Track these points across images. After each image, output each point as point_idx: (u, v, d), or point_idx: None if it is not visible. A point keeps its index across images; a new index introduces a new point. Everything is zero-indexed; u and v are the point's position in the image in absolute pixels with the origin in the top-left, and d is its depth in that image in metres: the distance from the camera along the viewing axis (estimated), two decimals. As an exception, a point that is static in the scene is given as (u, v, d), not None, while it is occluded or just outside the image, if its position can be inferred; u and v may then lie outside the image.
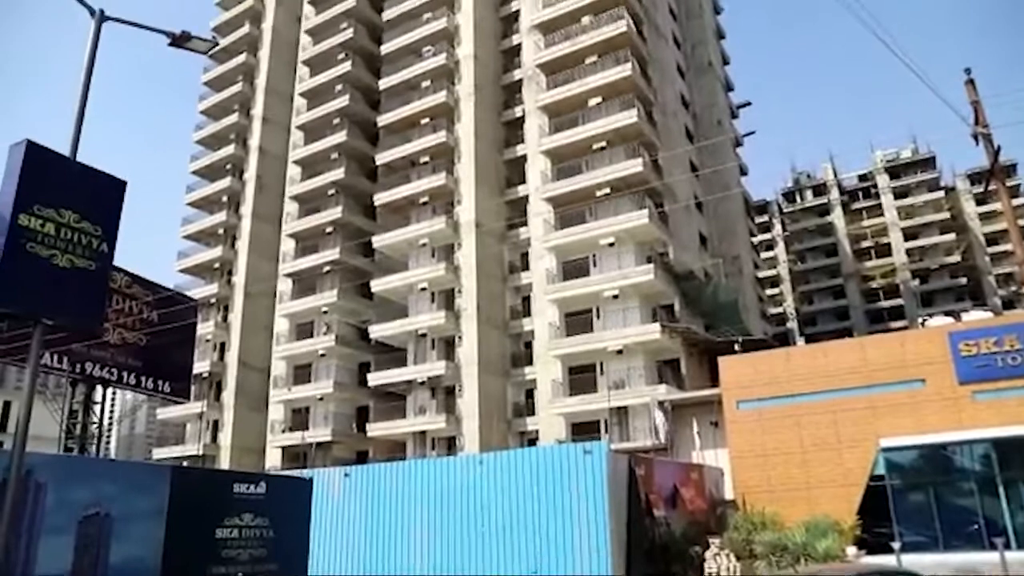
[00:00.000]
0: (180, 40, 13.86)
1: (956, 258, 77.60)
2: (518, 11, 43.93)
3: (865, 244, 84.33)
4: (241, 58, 54.05)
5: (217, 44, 15.94)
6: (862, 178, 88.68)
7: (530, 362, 37.50)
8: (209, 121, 55.38)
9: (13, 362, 19.45)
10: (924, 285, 78.84)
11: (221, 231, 51.10)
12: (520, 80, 42.28)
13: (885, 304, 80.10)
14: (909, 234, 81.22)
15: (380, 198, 42.83)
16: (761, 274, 66.86)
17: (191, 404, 41.00)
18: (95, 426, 20.69)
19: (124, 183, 11.98)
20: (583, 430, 33.66)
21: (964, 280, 76.84)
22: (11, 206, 9.67)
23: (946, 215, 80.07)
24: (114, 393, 21.34)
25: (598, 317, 35.65)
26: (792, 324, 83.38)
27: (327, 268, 45.03)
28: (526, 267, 39.16)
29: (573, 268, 36.91)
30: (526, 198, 39.78)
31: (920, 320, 47.46)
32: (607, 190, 36.44)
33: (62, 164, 10.91)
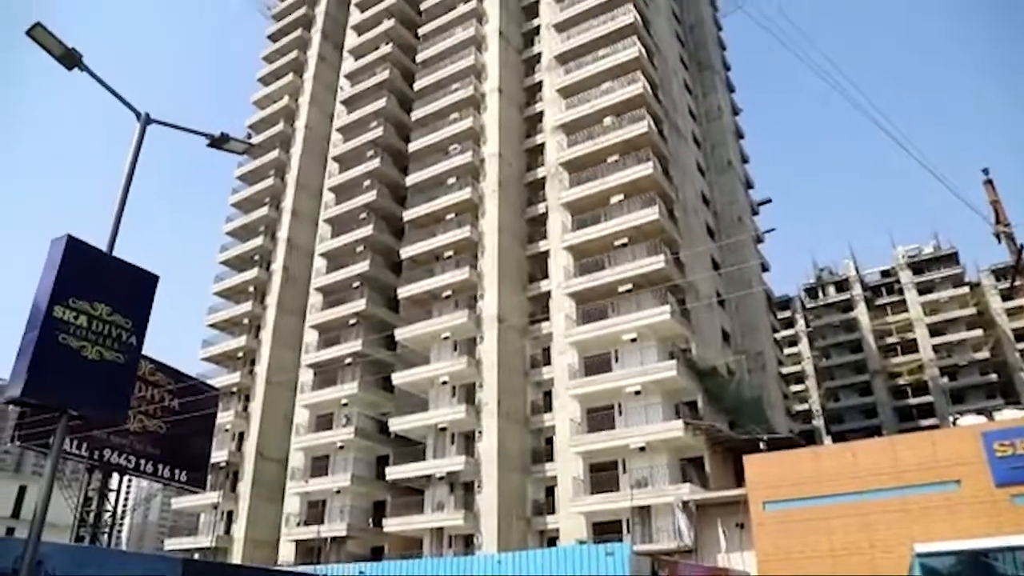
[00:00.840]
0: (219, 142, 14.47)
1: (985, 354, 76.35)
2: (542, 112, 45.34)
3: (890, 340, 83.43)
4: (274, 154, 55.91)
5: (253, 145, 16.71)
6: (885, 274, 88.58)
7: (551, 458, 36.88)
8: (239, 213, 56.86)
9: (34, 447, 19.50)
10: (953, 382, 77.40)
11: (246, 321, 51.70)
12: (543, 177, 43.25)
13: (914, 401, 78.54)
14: (935, 330, 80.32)
15: (404, 291, 43.32)
16: (785, 370, 66.08)
17: (206, 494, 40.59)
18: (108, 514, 20.49)
19: (156, 278, 12.26)
20: (605, 530, 32.75)
21: (995, 377, 75.34)
22: (48, 298, 9.93)
23: (972, 311, 79.29)
24: (130, 480, 21.24)
25: (620, 413, 35.23)
26: (818, 422, 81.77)
27: (349, 360, 45.18)
28: (548, 362, 39.03)
29: (595, 364, 36.75)
30: (548, 293, 40.04)
31: (951, 419, 46.44)
32: (629, 286, 36.64)
33: (99, 259, 11.22)
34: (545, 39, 47.05)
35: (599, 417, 35.65)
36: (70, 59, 12.24)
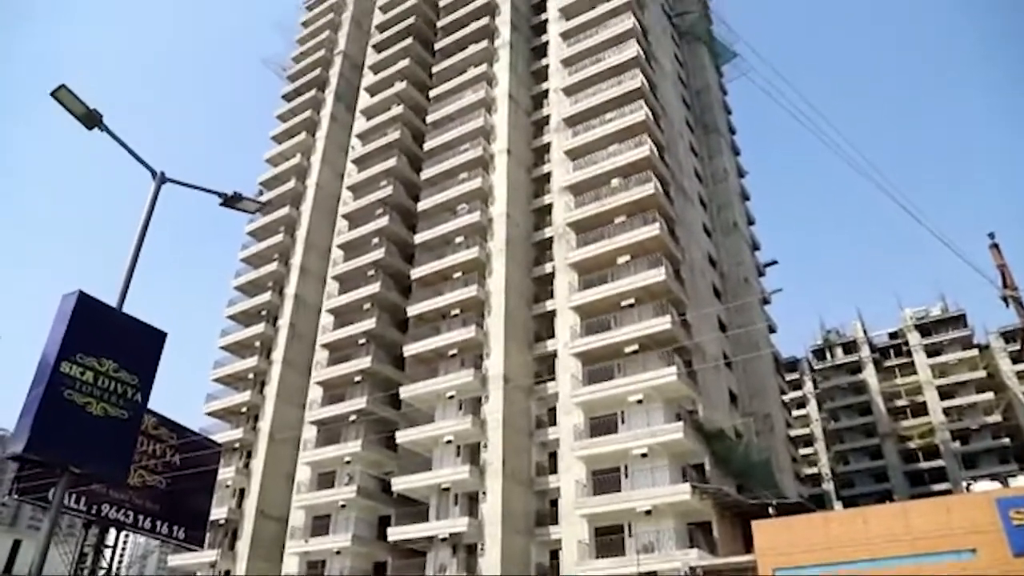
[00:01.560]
0: (231, 201, 14.67)
1: (997, 418, 75.36)
2: (550, 173, 45.93)
3: (900, 403, 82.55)
4: (284, 211, 56.56)
5: (265, 204, 16.91)
6: (893, 336, 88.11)
7: (555, 521, 36.23)
8: (248, 268, 57.22)
9: (33, 501, 19.27)
10: (965, 446, 76.24)
11: (251, 376, 51.57)
12: (551, 237, 43.55)
13: (925, 466, 77.30)
14: (945, 393, 79.49)
15: (410, 349, 43.27)
16: (794, 433, 65.25)
17: (204, 552, 39.90)
18: (104, 571, 20.14)
19: (164, 335, 12.30)
20: (611, 597, 31.96)
21: (1007, 441, 74.21)
22: (55, 353, 9.95)
23: (982, 373, 78.53)
24: (127, 536, 20.94)
25: (626, 476, 34.72)
26: (828, 486, 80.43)
27: (353, 417, 44.88)
28: (553, 422, 38.69)
29: (601, 425, 36.41)
30: (555, 353, 39.92)
31: (964, 484, 45.64)
32: (636, 347, 36.52)
33: (109, 315, 11.28)
34: (553, 102, 47.98)
35: (605, 479, 35.13)
36: (91, 119, 12.55)
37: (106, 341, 10.78)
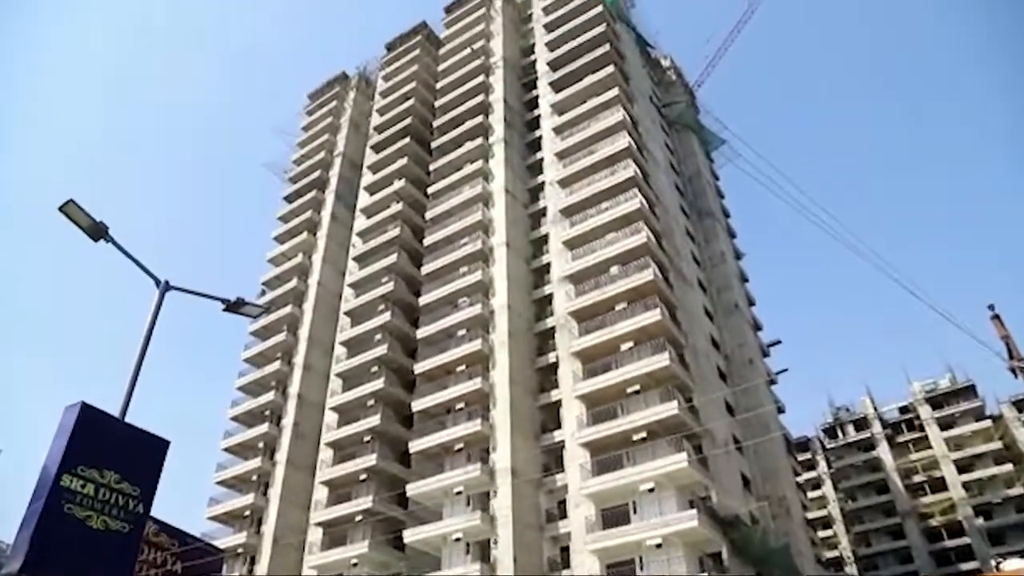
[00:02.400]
0: (234, 306, 14.75)
1: (1019, 490, 73.52)
2: (549, 263, 46.44)
3: (917, 479, 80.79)
4: (287, 310, 56.89)
5: (268, 309, 17.07)
6: (903, 410, 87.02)
7: (571, 620, 34.95)
8: (251, 369, 57.06)
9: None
10: (990, 521, 74.08)
11: (254, 478, 50.75)
12: (553, 327, 43.64)
13: (950, 544, 74.97)
14: (962, 466, 77.87)
15: (415, 445, 42.73)
16: (811, 515, 63.77)
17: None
18: None
19: (167, 443, 12.16)
20: None
21: (1033, 514, 72.19)
22: (57, 466, 9.82)
23: (998, 444, 77.09)
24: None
25: (642, 568, 33.69)
26: (852, 569, 77.91)
27: (359, 517, 43.92)
28: (564, 515, 37.81)
29: (613, 516, 35.56)
30: (562, 444, 39.39)
31: (993, 562, 44.16)
32: (644, 434, 36.10)
33: (111, 425, 11.18)
34: (550, 194, 48.97)
35: (620, 573, 34.09)
36: (97, 232, 12.76)
37: (108, 452, 10.67)
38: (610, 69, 50.94)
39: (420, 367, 45.68)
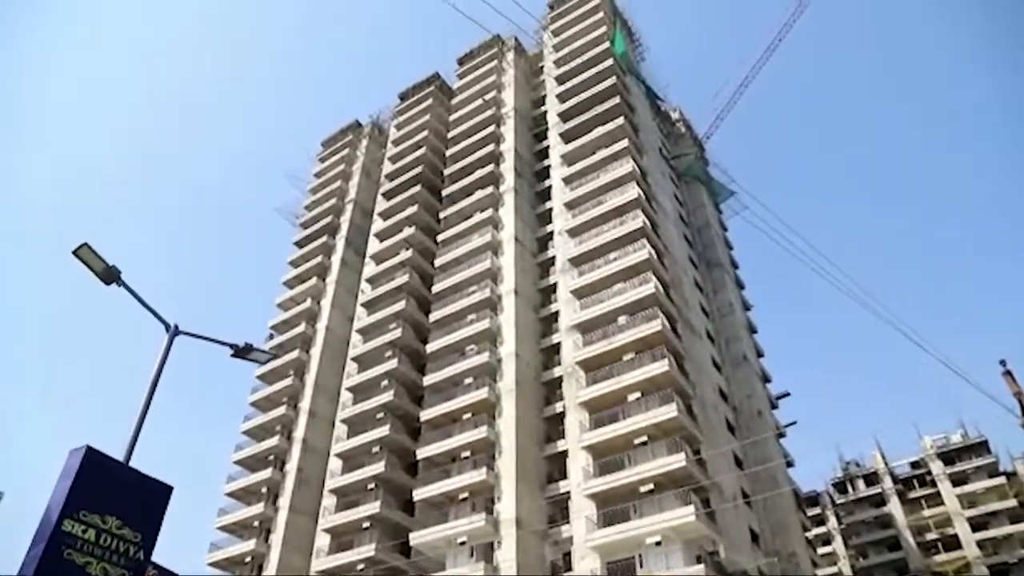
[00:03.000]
0: (242, 352, 14.79)
1: (1035, 550, 71.99)
2: (557, 312, 46.50)
3: (930, 536, 79.24)
4: (294, 354, 56.91)
5: (275, 356, 17.07)
6: (914, 465, 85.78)
7: None
8: (257, 413, 56.89)
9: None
10: (1006, 581, 72.39)
11: (256, 523, 50.21)
12: (560, 377, 43.49)
13: (964, 605, 73.19)
14: (977, 524, 76.40)
15: (419, 493, 42.30)
16: (821, 572, 62.34)
17: None
18: None
19: (170, 489, 12.07)
20: None
21: (1049, 576, 70.57)
22: (59, 510, 9.76)
23: (1013, 502, 75.70)
24: None
25: (648, 626, 33.02)
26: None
27: (361, 566, 43.27)
28: (569, 567, 37.16)
29: (619, 569, 34.97)
30: (568, 495, 38.93)
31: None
32: (651, 487, 35.65)
33: (115, 470, 11.11)
34: (559, 243, 49.24)
35: (626, 630, 33.40)
36: (109, 275, 12.87)
37: (111, 497, 10.59)
38: (620, 121, 51.66)
39: (426, 414, 45.47)
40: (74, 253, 12.50)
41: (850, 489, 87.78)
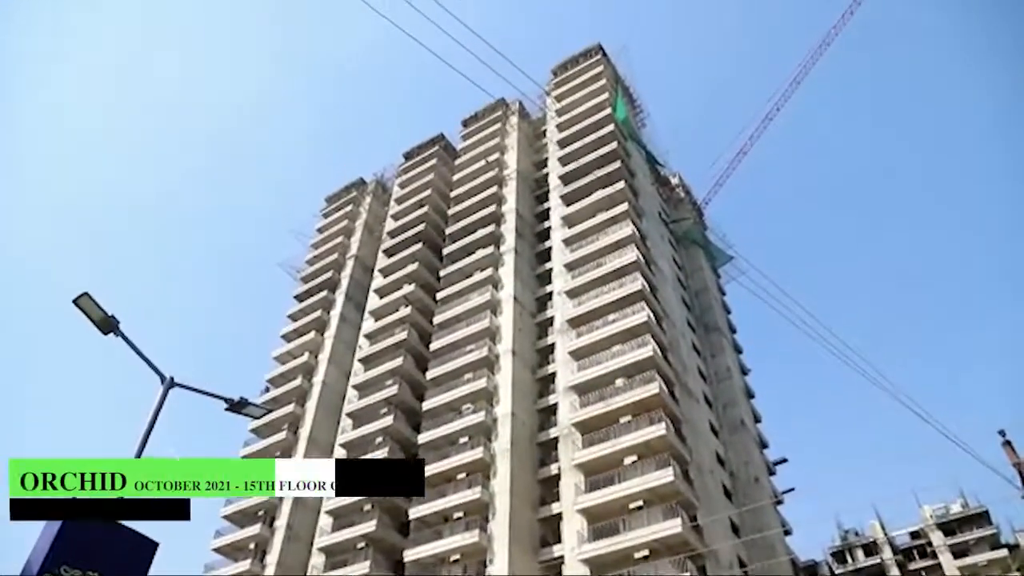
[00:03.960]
0: (237, 406, 14.77)
1: (1040, 629, 70.12)
2: (554, 373, 46.39)
3: (932, 611, 77.33)
4: (289, 408, 56.53)
5: (269, 411, 17.03)
6: (914, 535, 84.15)
7: None
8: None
9: None
10: (1013, 663, 70.30)
11: (243, 582, 49.13)
12: (556, 438, 43.17)
13: None
14: (979, 600, 74.56)
15: (410, 554, 41.53)
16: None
17: None
18: None
19: (156, 545, 11.88)
20: None
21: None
22: (39, 564, 9.60)
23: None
24: None
25: None
26: None
27: (349, 632, 42.24)
28: (562, 636, 36.35)
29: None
30: (561, 559, 38.23)
31: None
32: (646, 552, 35.10)
33: (101, 524, 10.96)
34: (557, 304, 49.43)
35: None
36: (107, 325, 12.95)
37: (94, 552, 10.40)
38: (620, 185, 52.44)
39: (420, 473, 44.87)
40: (74, 302, 12.61)
41: (849, 559, 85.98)
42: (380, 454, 48.26)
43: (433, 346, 51.45)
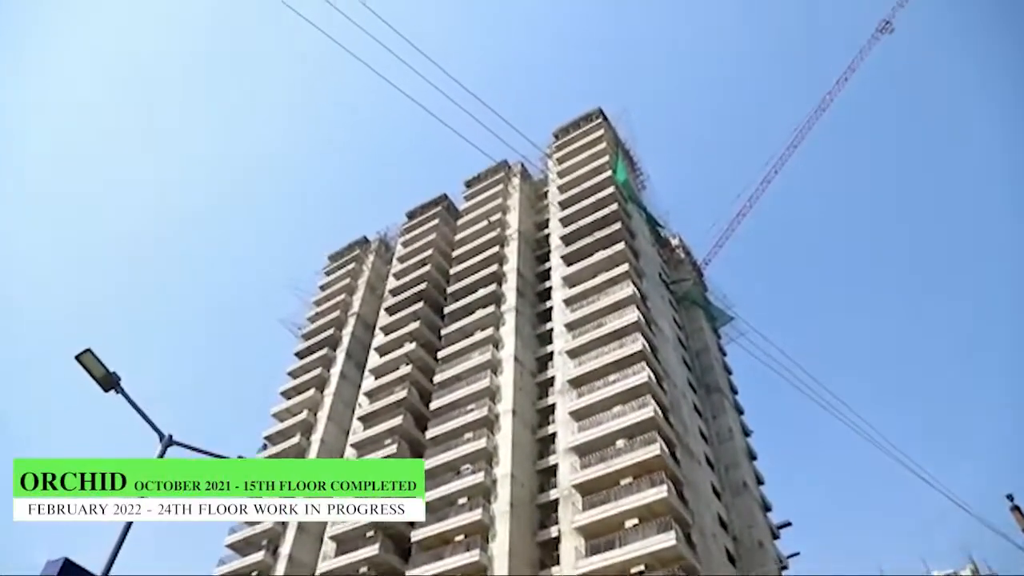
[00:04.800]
0: (235, 464, 14.74)
1: None
2: (554, 433, 46.07)
3: None
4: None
5: (269, 469, 16.96)
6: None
7: None
8: (243, 525, 55.12)
9: None
10: None
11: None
12: (556, 499, 42.61)
13: None
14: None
15: (407, 620, 40.65)
16: None
17: None
18: None
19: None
20: None
21: None
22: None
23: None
24: None
25: None
26: None
27: None
28: None
29: None
30: (561, 625, 37.41)
31: None
32: (647, 620, 34.33)
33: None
34: (558, 364, 49.36)
35: None
36: (108, 383, 13.04)
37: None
38: (620, 246, 52.93)
39: (417, 535, 44.22)
40: (77, 358, 12.72)
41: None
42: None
43: (433, 405, 51.19)
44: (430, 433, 49.60)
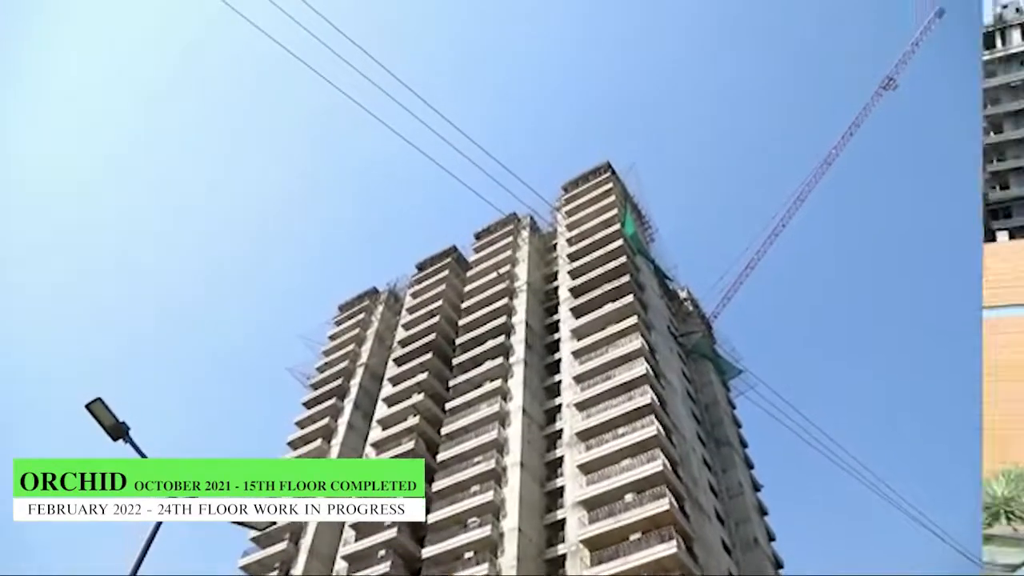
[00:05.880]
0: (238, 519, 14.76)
1: None
2: (563, 487, 45.63)
3: None
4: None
5: (273, 523, 16.91)
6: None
7: None
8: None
9: None
10: None
11: None
12: (564, 555, 42.01)
13: None
14: None
15: None
16: None
17: None
18: None
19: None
20: None
21: None
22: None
23: None
24: None
25: None
26: None
27: None
28: None
29: None
30: None
31: None
32: None
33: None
34: (566, 416, 49.16)
35: None
36: (117, 432, 13.17)
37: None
38: (629, 299, 53.12)
39: (424, 590, 43.61)
40: (87, 407, 12.87)
41: None
42: (383, 568, 46.92)
43: (440, 456, 50.85)
44: (437, 485, 49.13)
